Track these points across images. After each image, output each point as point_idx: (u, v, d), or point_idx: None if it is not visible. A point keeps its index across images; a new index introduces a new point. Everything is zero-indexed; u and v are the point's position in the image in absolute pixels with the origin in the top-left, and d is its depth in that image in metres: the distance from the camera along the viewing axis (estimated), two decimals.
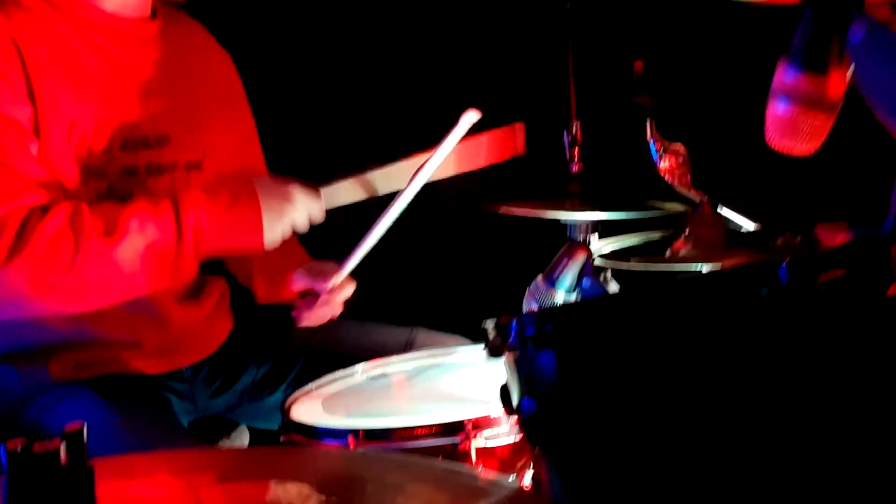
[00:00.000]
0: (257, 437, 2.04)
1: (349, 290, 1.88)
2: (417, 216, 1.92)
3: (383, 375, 1.83)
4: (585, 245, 1.50)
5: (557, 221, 2.10)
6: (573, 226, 2.09)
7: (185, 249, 1.61)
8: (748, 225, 1.82)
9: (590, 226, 2.08)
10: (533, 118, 2.07)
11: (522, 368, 0.96)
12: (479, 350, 1.87)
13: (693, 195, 1.85)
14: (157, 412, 1.77)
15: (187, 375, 1.90)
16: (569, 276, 1.47)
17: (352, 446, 1.44)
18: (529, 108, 2.24)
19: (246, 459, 1.06)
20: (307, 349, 2.00)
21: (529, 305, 1.53)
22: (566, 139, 2.07)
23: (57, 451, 0.68)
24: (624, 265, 1.57)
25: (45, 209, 1.55)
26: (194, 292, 1.87)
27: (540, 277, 1.52)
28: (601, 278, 1.48)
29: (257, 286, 2.03)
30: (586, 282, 1.45)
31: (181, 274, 1.67)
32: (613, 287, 1.50)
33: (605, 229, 2.01)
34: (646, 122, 1.87)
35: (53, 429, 1.68)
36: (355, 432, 1.45)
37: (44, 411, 1.66)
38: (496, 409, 1.47)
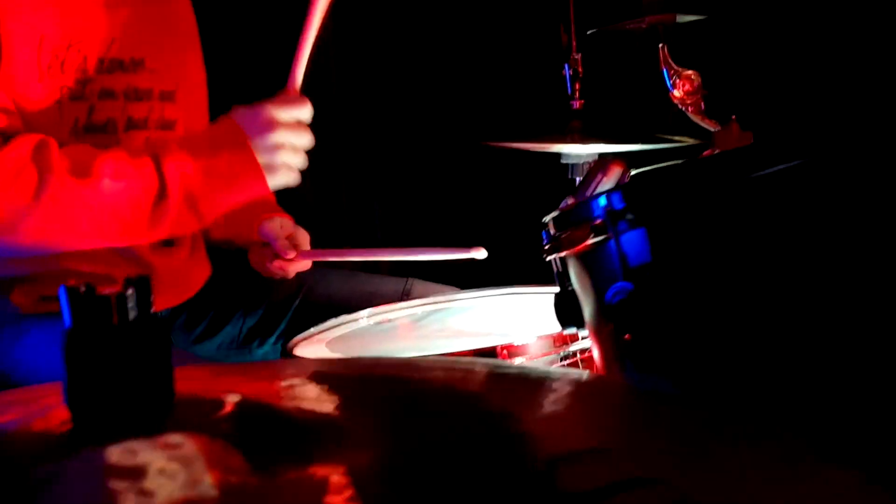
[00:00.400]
0: None
1: (307, 266, 1.78)
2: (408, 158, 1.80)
3: (388, 321, 1.72)
4: (620, 159, 1.40)
5: (558, 161, 2.00)
6: (574, 165, 1.99)
7: (171, 200, 1.45)
8: None
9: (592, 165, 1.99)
10: (533, 52, 1.97)
11: (612, 250, 0.86)
12: (488, 293, 1.79)
13: (707, 124, 1.77)
14: None
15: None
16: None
17: None
18: (528, 40, 2.14)
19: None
20: (297, 299, 1.88)
21: None
22: (567, 73, 1.97)
23: (125, 296, 0.54)
24: None
25: (5, 137, 1.39)
26: None
27: (570, 198, 1.42)
28: None
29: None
30: None
31: (166, 226, 1.49)
32: None
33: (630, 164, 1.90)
34: (658, 48, 1.78)
35: (23, 362, 1.55)
36: None
37: (11, 342, 1.53)
38: (521, 339, 1.41)
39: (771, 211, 0.82)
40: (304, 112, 1.50)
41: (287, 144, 1.49)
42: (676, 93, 1.79)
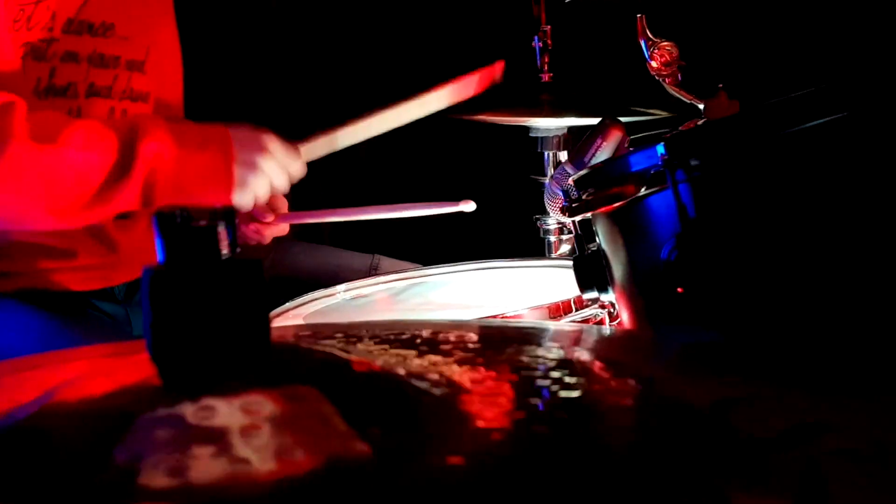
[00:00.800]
0: None
1: (284, 230, 1.66)
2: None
3: (365, 295, 1.65)
4: (619, 122, 1.36)
5: (527, 134, 1.96)
6: (544, 138, 1.96)
7: (133, 181, 1.34)
8: None
9: (562, 139, 1.96)
10: (503, 24, 1.92)
11: (665, 203, 0.82)
12: (469, 266, 1.74)
13: (685, 97, 1.75)
14: (96, 329, 1.52)
15: (121, 298, 1.64)
16: (602, 157, 1.32)
17: None
18: (500, 12, 2.09)
19: None
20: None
21: (553, 195, 1.38)
22: (537, 45, 1.93)
23: (214, 228, 0.47)
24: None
25: None
26: None
27: (566, 162, 1.37)
28: None
29: None
30: None
31: (118, 205, 1.37)
32: None
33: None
34: (636, 18, 1.76)
35: None
36: None
37: None
38: (513, 310, 1.36)
39: (828, 161, 0.79)
40: (296, 167, 1.47)
41: (267, 173, 1.42)
42: (654, 64, 1.76)
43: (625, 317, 1.02)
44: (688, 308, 0.83)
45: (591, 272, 1.03)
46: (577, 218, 1.00)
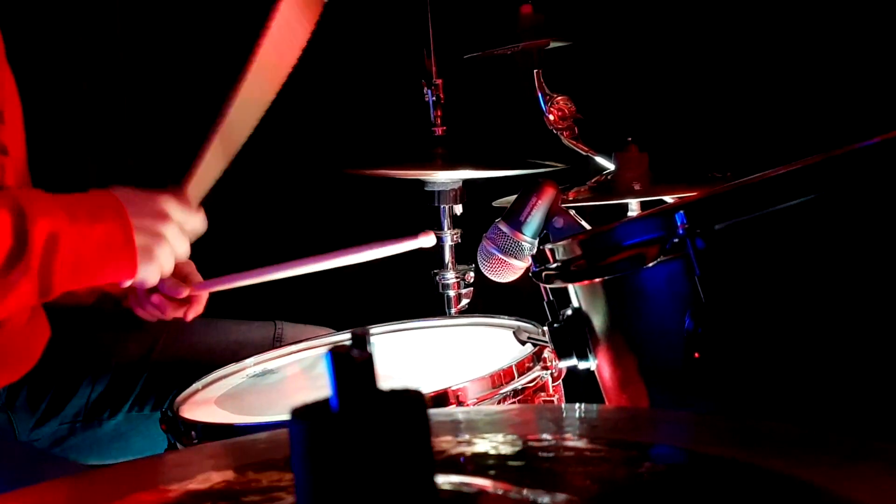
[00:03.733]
0: None
1: (201, 306, 1.50)
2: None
3: (272, 372, 1.53)
4: (552, 181, 1.34)
5: (423, 189, 1.91)
6: (441, 192, 1.91)
7: (31, 265, 1.17)
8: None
9: (458, 192, 1.92)
10: (397, 78, 1.88)
11: (677, 270, 0.79)
12: (388, 328, 1.66)
13: (581, 149, 1.77)
14: None
15: (1, 401, 1.44)
16: (537, 216, 1.30)
17: None
18: (393, 66, 2.05)
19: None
20: (150, 358, 1.62)
21: (488, 255, 1.34)
22: (429, 98, 1.90)
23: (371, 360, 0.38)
24: (579, 203, 1.44)
25: None
26: None
27: (501, 221, 1.33)
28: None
29: None
30: (557, 221, 1.29)
31: (17, 296, 1.20)
32: (585, 224, 1.35)
33: (494, 191, 1.85)
34: (532, 72, 1.76)
35: None
36: None
37: None
38: (450, 380, 1.30)
39: (850, 230, 0.79)
40: (196, 222, 1.36)
41: (169, 239, 1.30)
42: (551, 117, 1.77)
43: (607, 384, 0.98)
44: (705, 377, 0.81)
45: (569, 340, 0.99)
46: (556, 285, 0.96)
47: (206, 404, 1.39)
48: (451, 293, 1.96)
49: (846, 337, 0.79)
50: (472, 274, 1.94)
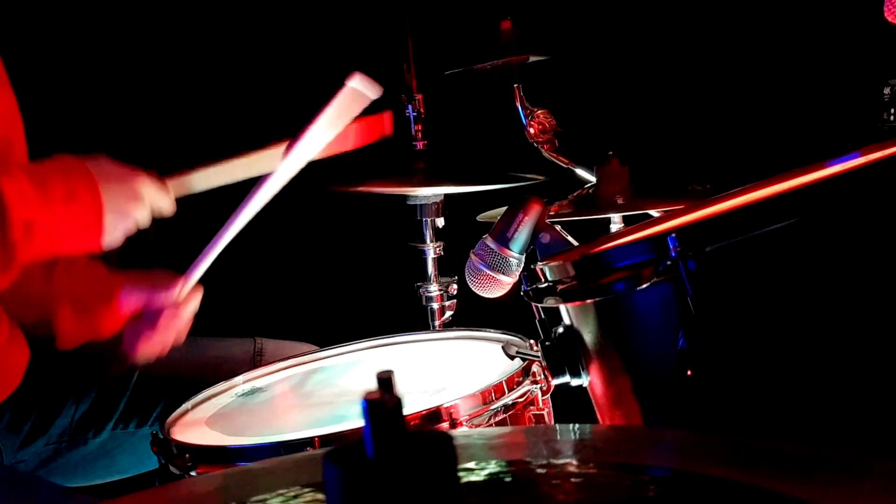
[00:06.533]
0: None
1: (197, 300, 1.45)
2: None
3: (260, 390, 1.53)
4: (538, 197, 1.36)
5: (405, 203, 1.93)
6: (423, 205, 1.93)
7: (13, 249, 1.19)
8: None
9: (440, 206, 1.94)
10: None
11: (669, 291, 0.81)
12: (372, 343, 1.67)
13: (562, 162, 1.79)
14: None
15: None
16: (524, 232, 1.32)
17: None
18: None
19: None
20: (134, 376, 1.61)
21: (476, 272, 1.35)
22: (410, 114, 1.91)
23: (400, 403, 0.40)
24: (562, 218, 1.46)
25: None
26: None
27: (488, 238, 1.35)
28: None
29: (62, 323, 1.51)
30: (544, 236, 1.31)
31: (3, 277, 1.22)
32: (572, 240, 1.37)
33: (475, 204, 1.86)
34: (513, 86, 1.78)
35: None
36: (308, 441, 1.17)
37: None
38: (450, 394, 1.31)
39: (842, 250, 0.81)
40: (165, 204, 1.36)
41: (136, 218, 1.31)
42: (531, 131, 1.80)
43: (599, 400, 1.00)
44: (698, 394, 0.83)
45: (562, 358, 1.01)
46: (550, 304, 0.98)
47: (196, 425, 1.39)
48: (435, 306, 1.97)
49: (835, 352, 0.81)
50: (455, 286, 1.96)
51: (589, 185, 1.66)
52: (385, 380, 0.42)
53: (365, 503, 0.38)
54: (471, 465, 0.66)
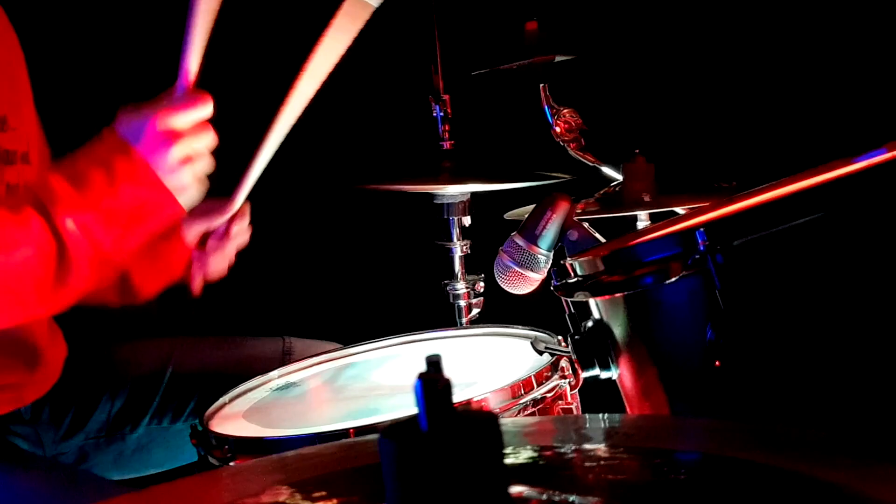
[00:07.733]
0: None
1: (246, 217, 1.43)
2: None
3: (295, 384, 1.57)
4: (566, 194, 1.38)
5: (432, 202, 1.96)
6: (450, 204, 1.96)
7: (73, 257, 1.18)
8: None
9: (466, 205, 1.97)
10: (405, 93, 1.92)
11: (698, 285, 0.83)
12: (405, 338, 1.70)
13: (588, 160, 1.81)
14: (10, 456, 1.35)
15: (27, 417, 1.47)
16: (552, 229, 1.34)
17: None
18: (399, 82, 2.09)
19: None
20: (167, 373, 1.66)
21: (505, 269, 1.38)
22: (437, 114, 1.94)
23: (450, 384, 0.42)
24: (589, 215, 1.48)
25: None
26: None
27: (517, 235, 1.38)
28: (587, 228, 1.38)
29: (140, 276, 1.54)
30: (572, 234, 1.34)
31: (78, 284, 1.21)
32: (599, 237, 1.40)
33: (502, 202, 1.89)
34: (539, 86, 1.80)
35: None
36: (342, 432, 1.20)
37: None
38: (480, 388, 1.34)
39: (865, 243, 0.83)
40: (204, 110, 1.24)
41: (191, 154, 1.23)
42: (557, 130, 1.82)
43: (629, 392, 1.03)
44: (726, 385, 0.85)
45: (591, 351, 1.03)
46: (581, 299, 1.00)
47: (234, 418, 1.43)
48: (462, 303, 2.00)
49: (861, 344, 0.83)
50: (482, 284, 1.99)
51: (615, 182, 1.68)
52: (434, 363, 0.45)
53: (419, 475, 0.41)
54: (507, 450, 0.69)
